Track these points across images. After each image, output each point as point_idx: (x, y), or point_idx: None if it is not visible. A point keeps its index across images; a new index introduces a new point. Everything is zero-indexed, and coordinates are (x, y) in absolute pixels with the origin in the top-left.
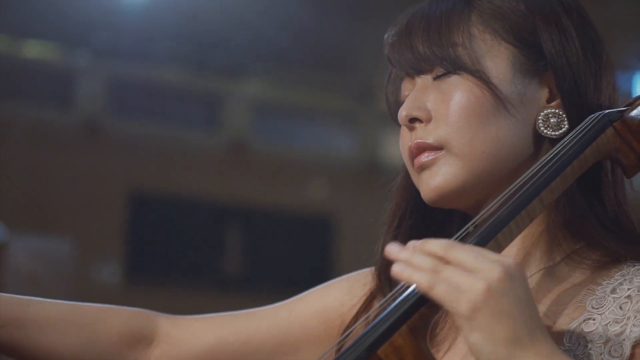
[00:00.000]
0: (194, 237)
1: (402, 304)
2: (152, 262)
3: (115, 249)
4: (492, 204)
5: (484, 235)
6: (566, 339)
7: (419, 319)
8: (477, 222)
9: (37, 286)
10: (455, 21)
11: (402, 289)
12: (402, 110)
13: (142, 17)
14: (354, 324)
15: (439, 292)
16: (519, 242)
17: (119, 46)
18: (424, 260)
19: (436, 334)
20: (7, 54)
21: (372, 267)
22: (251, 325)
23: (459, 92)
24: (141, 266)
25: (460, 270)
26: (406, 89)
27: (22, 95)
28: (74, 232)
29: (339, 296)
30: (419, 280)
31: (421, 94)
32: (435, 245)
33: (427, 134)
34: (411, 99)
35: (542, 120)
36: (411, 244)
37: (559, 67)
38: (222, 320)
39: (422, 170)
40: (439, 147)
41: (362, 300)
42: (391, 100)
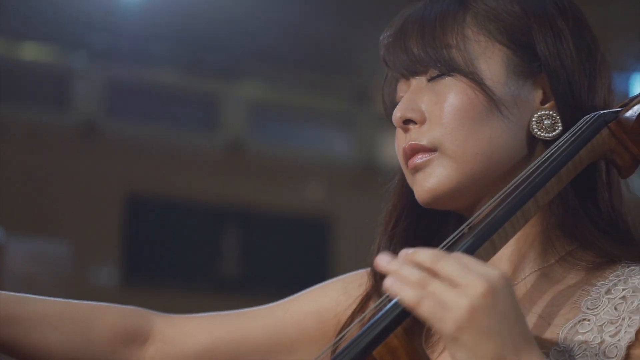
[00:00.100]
0: (191, 239)
1: (397, 306)
2: (149, 264)
3: (112, 251)
4: (487, 205)
5: (479, 236)
6: (561, 340)
7: (414, 320)
8: (472, 223)
9: (35, 288)
10: (449, 23)
11: None
12: (397, 111)
13: (139, 19)
14: (350, 324)
15: (424, 310)
16: (513, 243)
17: (117, 48)
18: (412, 272)
19: (431, 335)
20: (4, 56)
21: (367, 268)
22: (246, 325)
23: (452, 94)
24: (139, 268)
25: (446, 285)
26: (401, 90)
27: (19, 96)
28: (72, 233)
29: (335, 296)
30: (406, 296)
31: (415, 95)
32: (424, 256)
33: (421, 136)
34: (405, 100)
35: (536, 122)
36: (402, 253)
37: (552, 69)
38: (217, 319)
39: (416, 171)
40: (433, 148)
41: (358, 300)
42: (388, 101)
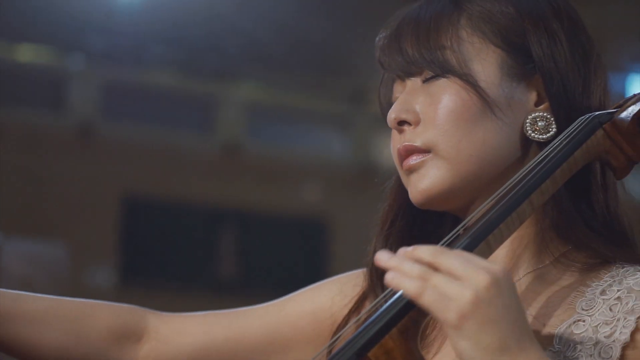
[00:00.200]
0: (188, 240)
1: (392, 307)
2: (146, 265)
3: (108, 252)
4: (482, 206)
5: (475, 237)
6: (556, 341)
7: (409, 321)
8: (467, 224)
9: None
10: (444, 24)
11: (393, 291)
12: (391, 112)
13: (135, 21)
14: (345, 325)
15: (427, 299)
16: (508, 244)
17: (113, 50)
18: (412, 267)
19: (426, 335)
20: (0, 58)
21: (363, 268)
22: (241, 324)
23: (446, 95)
24: (136, 269)
25: (448, 277)
26: (397, 91)
27: (15, 98)
28: (68, 235)
29: (330, 296)
30: (408, 287)
31: (410, 96)
32: (424, 251)
33: (415, 137)
34: (400, 101)
35: (530, 123)
36: (401, 250)
37: (547, 71)
38: (212, 318)
39: (410, 172)
40: (427, 150)
41: (354, 300)
42: (384, 102)
